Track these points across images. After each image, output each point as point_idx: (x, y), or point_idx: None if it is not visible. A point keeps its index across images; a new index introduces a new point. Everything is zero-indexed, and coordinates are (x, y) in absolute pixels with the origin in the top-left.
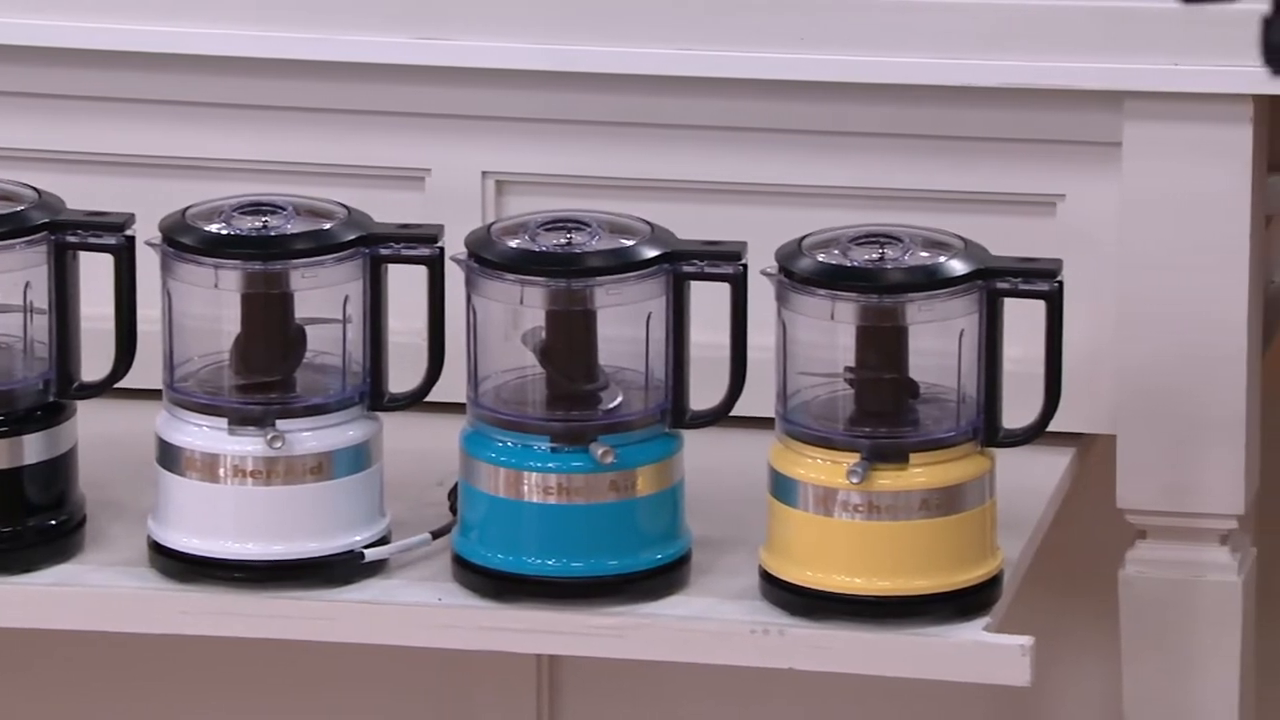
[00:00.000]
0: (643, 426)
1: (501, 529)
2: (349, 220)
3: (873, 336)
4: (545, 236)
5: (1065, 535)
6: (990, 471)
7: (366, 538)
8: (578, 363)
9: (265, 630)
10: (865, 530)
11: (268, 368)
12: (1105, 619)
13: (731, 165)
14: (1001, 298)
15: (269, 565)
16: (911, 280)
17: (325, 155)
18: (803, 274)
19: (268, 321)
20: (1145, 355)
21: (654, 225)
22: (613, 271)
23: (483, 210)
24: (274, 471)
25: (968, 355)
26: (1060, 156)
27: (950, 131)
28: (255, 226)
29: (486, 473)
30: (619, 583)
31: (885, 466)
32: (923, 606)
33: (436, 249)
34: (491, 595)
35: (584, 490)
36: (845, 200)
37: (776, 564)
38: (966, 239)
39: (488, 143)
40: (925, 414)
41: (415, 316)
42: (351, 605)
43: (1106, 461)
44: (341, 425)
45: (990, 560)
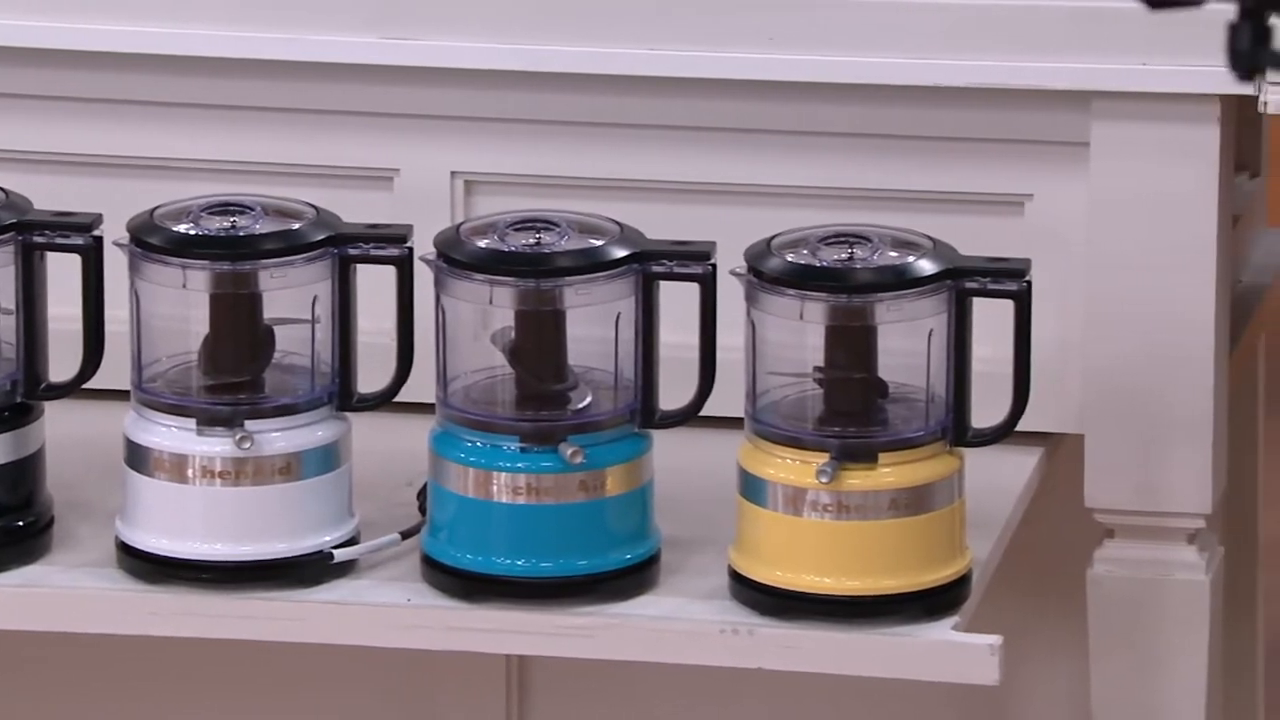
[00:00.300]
0: (612, 426)
1: (471, 529)
2: (317, 220)
3: (842, 336)
4: (514, 236)
5: (1034, 534)
6: (959, 471)
7: (335, 538)
8: (547, 363)
9: (234, 631)
10: (834, 530)
11: (236, 368)
12: (1073, 618)
13: (700, 165)
14: (970, 297)
15: (237, 566)
16: (880, 280)
17: (294, 155)
18: (772, 274)
19: (236, 322)
20: (1113, 355)
21: (623, 225)
22: (582, 272)
23: (451, 210)
24: (242, 472)
25: (936, 355)
26: (1028, 156)
27: (918, 131)
28: (223, 227)
29: (455, 473)
30: (588, 583)
31: (854, 466)
32: (892, 606)
33: (405, 249)
34: (461, 595)
35: (553, 490)
36: (814, 200)
37: (746, 564)
38: (935, 239)
39: (456, 143)
40: (894, 414)
41: (384, 317)
42: (320, 606)
43: (1075, 461)
44: (310, 426)
45: (959, 560)
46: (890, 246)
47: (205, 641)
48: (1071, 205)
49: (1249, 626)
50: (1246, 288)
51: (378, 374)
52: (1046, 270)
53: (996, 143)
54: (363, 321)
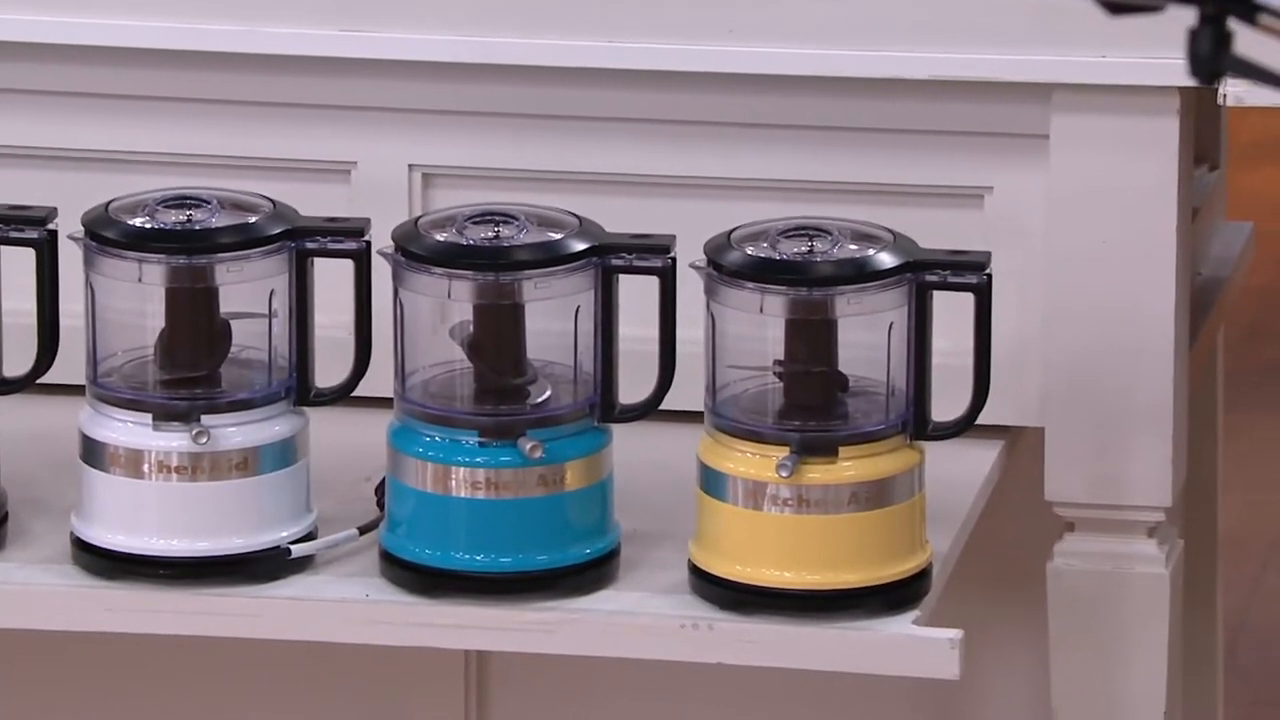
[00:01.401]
0: (571, 420)
1: (429, 524)
2: (274, 214)
3: (802, 330)
4: (473, 230)
5: (994, 528)
6: (919, 465)
7: (293, 533)
8: (506, 357)
9: (191, 627)
10: (795, 524)
11: (192, 363)
12: (1034, 611)
13: (660, 158)
14: (930, 290)
15: (194, 562)
16: (840, 273)
17: (250, 148)
18: (731, 267)
19: (192, 316)
20: (1073, 348)
21: (582, 218)
22: (541, 265)
23: (409, 203)
24: (199, 467)
25: (897, 348)
26: (988, 149)
27: (878, 124)
28: (179, 220)
29: (414, 467)
30: (548, 578)
31: (814, 460)
32: (852, 600)
33: (363, 243)
34: (419, 591)
35: (512, 485)
36: (774, 193)
37: (706, 558)
38: (895, 232)
39: (414, 135)
40: (854, 407)
41: (342, 311)
42: (278, 602)
43: (1035, 454)
44: (267, 420)
45: (919, 553)
46: (850, 239)
47: (162, 638)
48: (1031, 198)
49: (1208, 619)
50: (1206, 280)
51: (335, 368)
52: (1006, 263)
53: (956, 135)
54: (320, 315)
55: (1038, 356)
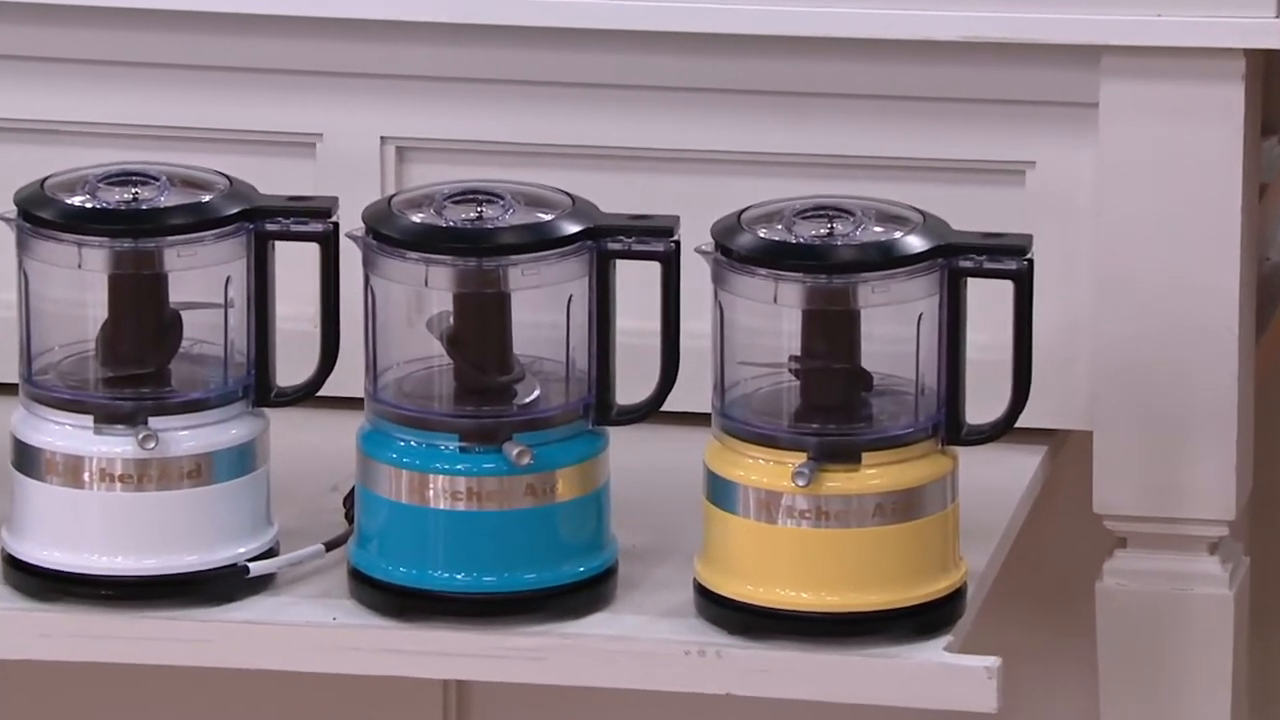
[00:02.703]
0: (563, 423)
1: (404, 539)
2: (230, 192)
3: (821, 321)
4: (453, 210)
5: (1036, 544)
6: (952, 473)
7: (251, 550)
8: (490, 352)
9: (136, 654)
10: (812, 539)
11: (139, 358)
12: (1080, 637)
13: (663, 129)
14: (965, 278)
15: (141, 581)
16: (864, 258)
17: (204, 118)
18: (742, 252)
19: (139, 306)
20: (1125, 341)
21: (575, 197)
22: (529, 249)
23: (382, 180)
24: (146, 475)
25: (927, 342)
26: (1030, 119)
27: (908, 91)
28: (124, 199)
29: (387, 475)
30: (537, 599)
31: (835, 467)
32: (877, 624)
33: (330, 224)
34: (393, 613)
35: (497, 495)
36: (790, 169)
37: (713, 577)
38: (925, 212)
39: (387, 104)
40: (880, 408)
41: (306, 300)
42: (234, 626)
43: (1082, 461)
44: (223, 423)
45: (952, 572)
46: (875, 221)
47: (105, 665)
48: (1078, 174)
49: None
50: (1275, 265)
51: (299, 365)
52: (1050, 247)
53: (994, 104)
54: (282, 306)
55: (1085, 351)
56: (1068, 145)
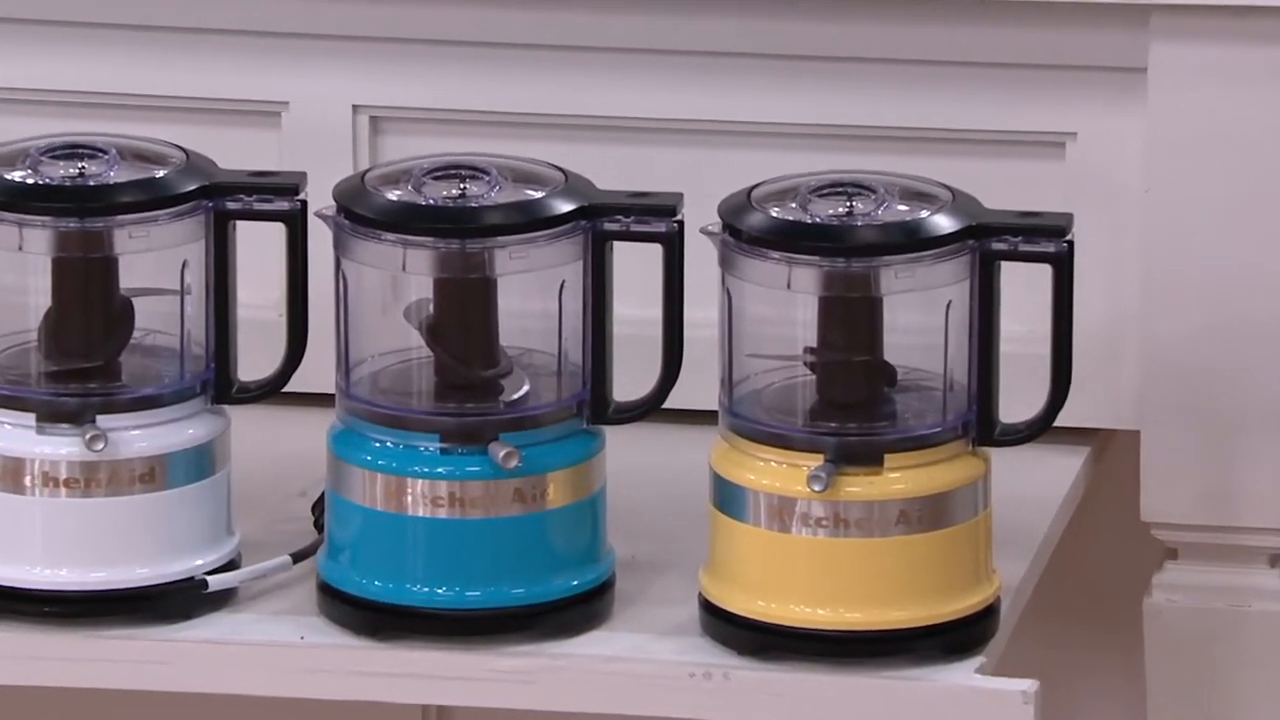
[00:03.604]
0: (555, 422)
1: (379, 549)
2: (187, 166)
3: (839, 310)
4: (433, 186)
5: (1077, 555)
6: (984, 476)
7: (210, 562)
8: (474, 343)
9: (83, 678)
10: (830, 550)
11: (86, 350)
12: (1126, 658)
13: (665, 97)
14: (998, 261)
15: (88, 597)
16: (886, 240)
17: (157, 85)
18: (752, 232)
19: (86, 292)
20: (1177, 332)
21: (568, 172)
22: (517, 230)
23: (354, 154)
24: (94, 480)
25: (956, 333)
26: (1071, 85)
27: (935, 55)
28: (69, 174)
29: (360, 480)
30: (526, 615)
31: (855, 471)
32: (902, 644)
33: (296, 202)
34: (367, 632)
35: (482, 501)
36: (805, 140)
37: (720, 592)
38: (954, 189)
39: (359, 69)
40: (904, 405)
41: (271, 286)
42: (192, 646)
43: (1128, 464)
44: (179, 422)
45: (984, 586)
46: (899, 198)
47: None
48: (1125, 146)
49: None
50: None
51: (263, 358)
52: (1093, 227)
53: (1031, 68)
54: (244, 292)
55: (1132, 342)
56: (1113, 115)
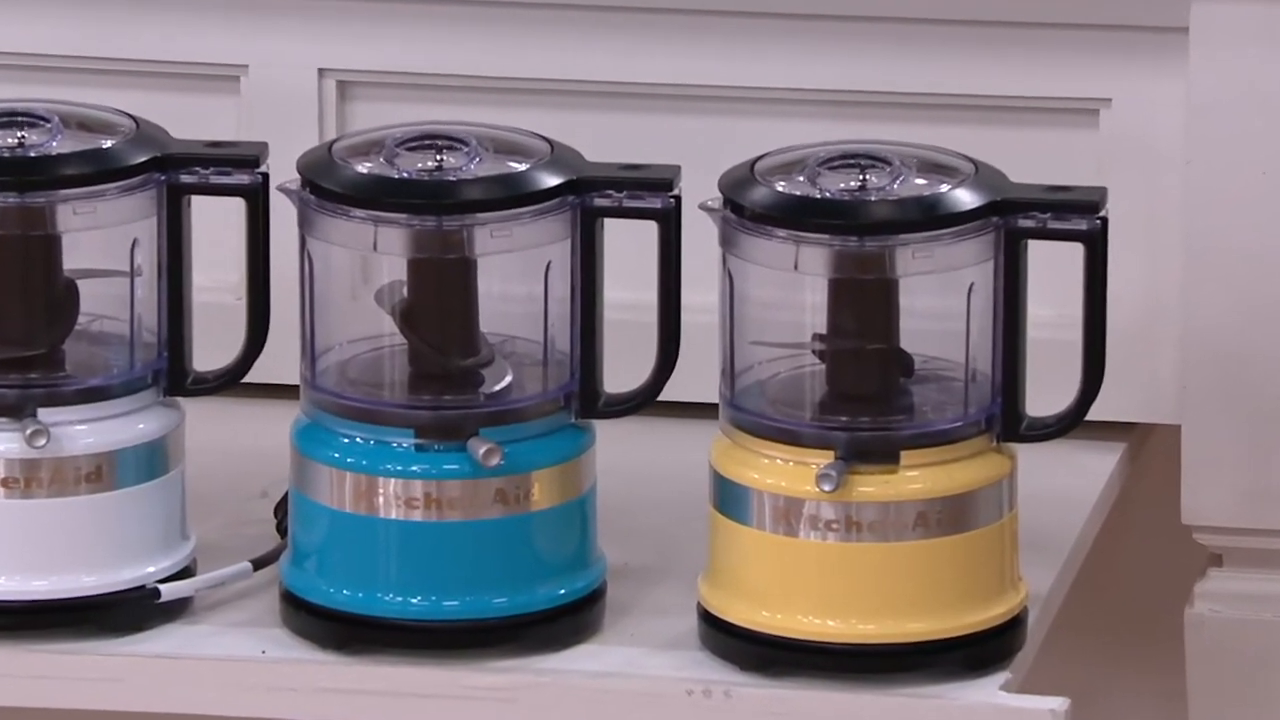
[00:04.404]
0: (540, 416)
1: (348, 556)
2: (137, 136)
3: (851, 293)
4: (406, 158)
5: (1112, 561)
6: (1010, 475)
7: (163, 569)
8: (452, 330)
9: (25, 696)
10: (841, 555)
11: (26, 337)
12: (1166, 673)
13: (659, 61)
14: (1025, 240)
15: (30, 607)
16: (903, 216)
17: (104, 47)
18: (756, 209)
19: (26, 274)
20: (1220, 318)
21: (554, 143)
22: (499, 206)
23: (320, 123)
24: (34, 479)
25: (979, 318)
26: (1105, 47)
27: (956, 14)
28: (8, 144)
29: (327, 479)
30: (509, 627)
31: (868, 469)
32: (920, 658)
33: (257, 175)
34: (334, 645)
35: (461, 502)
36: (813, 107)
37: (721, 601)
38: (977, 160)
39: (325, 30)
40: (922, 398)
41: (229, 268)
42: (144, 660)
43: (1168, 461)
44: (128, 416)
45: (1010, 595)
46: (916, 171)
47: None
48: (1163, 114)
49: None
50: None
51: (221, 346)
52: (1129, 202)
53: (1062, 29)
54: (199, 275)
55: (1171, 329)
56: (1150, 79)
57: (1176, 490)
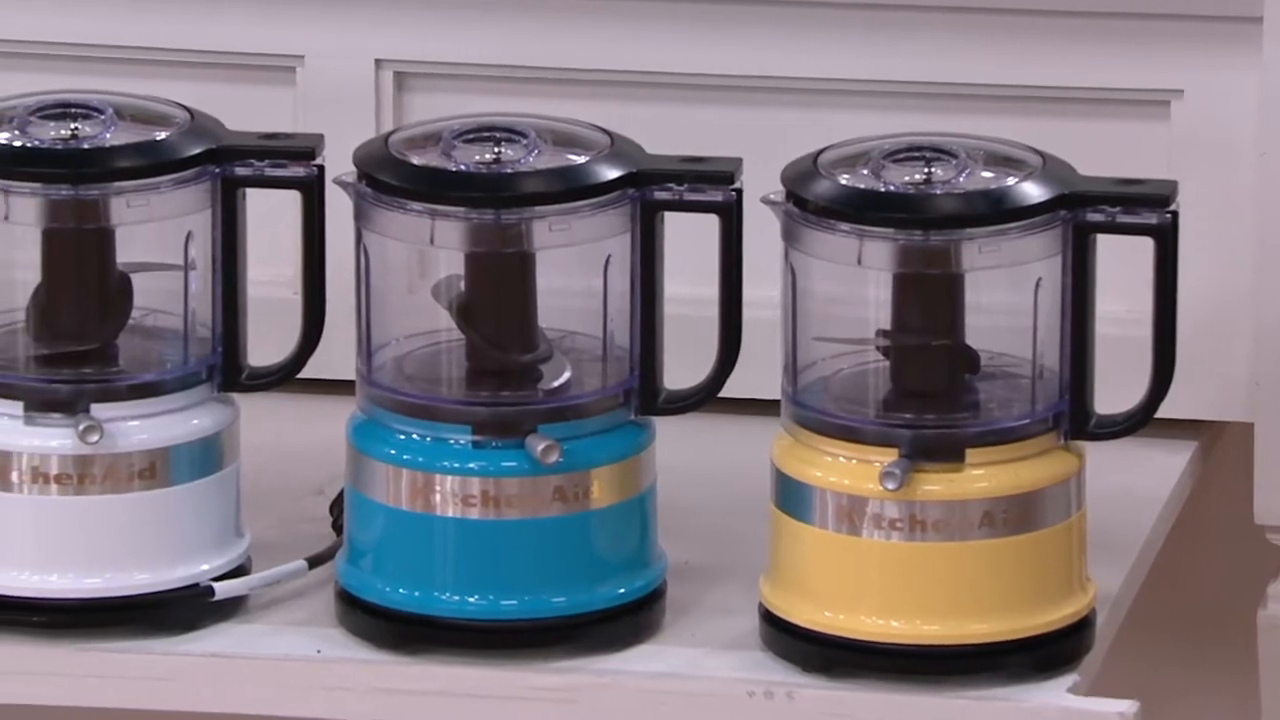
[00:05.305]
0: (599, 412)
1: (405, 554)
2: (192, 127)
3: (916, 288)
4: (464, 150)
5: (1183, 562)
6: (1078, 474)
7: (217, 567)
8: (510, 324)
9: (76, 695)
10: (905, 555)
11: (80, 332)
12: (1239, 676)
13: (721, 52)
14: (1094, 234)
15: (82, 606)
16: (969, 210)
17: (158, 37)
18: (820, 202)
19: (80, 267)
20: None
21: (614, 135)
22: (558, 199)
23: (376, 114)
24: (87, 476)
25: (1047, 313)
26: (1177, 38)
27: (1024, 4)
28: (62, 136)
29: (384, 476)
30: (568, 627)
31: (933, 467)
32: (986, 660)
33: (313, 168)
34: (391, 645)
35: (519, 500)
36: (878, 99)
37: (783, 601)
38: (1045, 153)
39: (382, 20)
40: (988, 394)
41: (285, 262)
42: (197, 660)
43: (1240, 459)
44: (182, 411)
45: (1078, 596)
46: (983, 164)
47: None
48: (1237, 105)
49: None
50: None
51: (276, 340)
52: (1201, 195)
53: (1133, 19)
54: (254, 268)
55: (1244, 324)
56: (1223, 70)
57: (1249, 489)
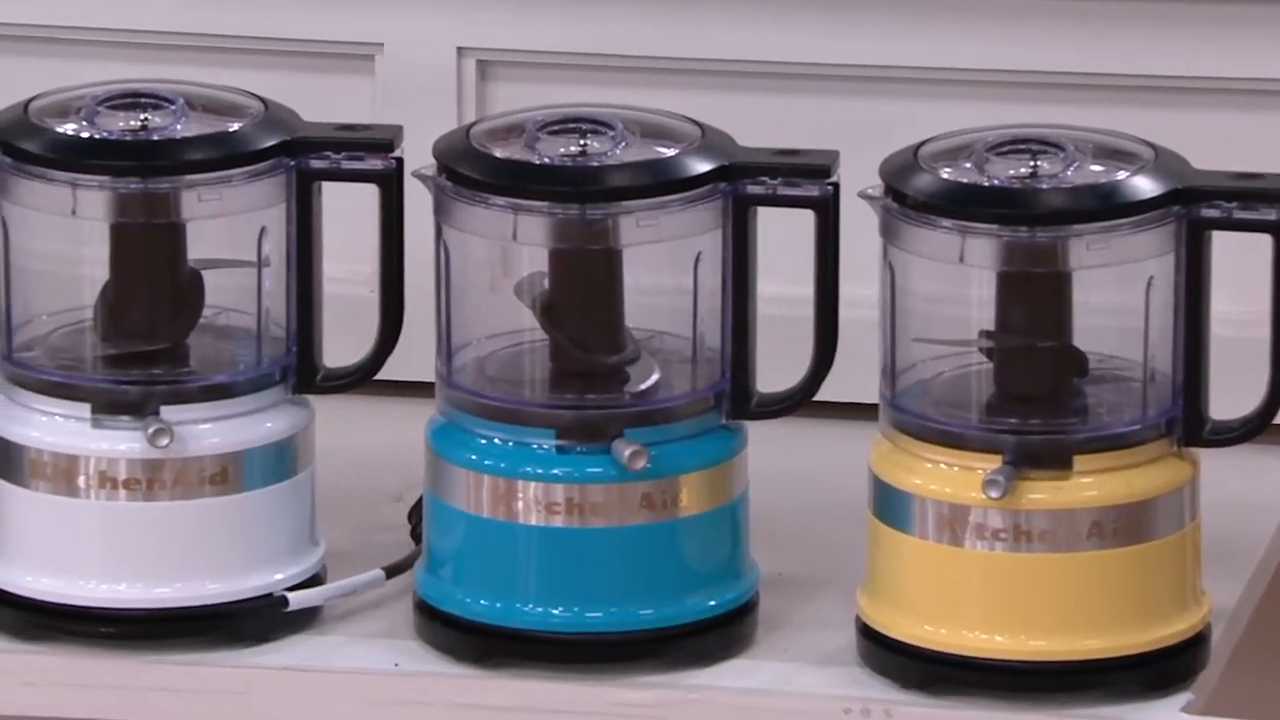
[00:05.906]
0: (689, 416)
1: (486, 564)
2: (265, 119)
3: (1021, 287)
4: (548, 142)
5: None
6: (1192, 482)
7: (291, 576)
8: (595, 324)
9: (145, 709)
10: (1010, 566)
11: (148, 331)
12: None
13: (817, 40)
14: (1209, 230)
15: (151, 616)
16: (1077, 205)
17: (231, 24)
18: (920, 197)
19: (149, 264)
20: None
21: (705, 127)
22: (646, 194)
23: (458, 104)
24: (157, 481)
25: (1159, 314)
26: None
27: None
28: (131, 127)
29: (464, 482)
30: (655, 641)
31: (1039, 475)
32: (1094, 677)
33: (391, 161)
34: (471, 658)
35: (605, 508)
36: (982, 89)
37: (881, 615)
38: (1157, 145)
39: (464, 7)
40: (1097, 399)
41: (362, 258)
42: (270, 673)
43: None
44: (255, 414)
45: (1192, 611)
46: (1092, 157)
47: None
48: None
49: None
50: None
51: (352, 340)
52: None
53: (1250, 5)
54: (330, 265)
55: None
56: None
57: None
